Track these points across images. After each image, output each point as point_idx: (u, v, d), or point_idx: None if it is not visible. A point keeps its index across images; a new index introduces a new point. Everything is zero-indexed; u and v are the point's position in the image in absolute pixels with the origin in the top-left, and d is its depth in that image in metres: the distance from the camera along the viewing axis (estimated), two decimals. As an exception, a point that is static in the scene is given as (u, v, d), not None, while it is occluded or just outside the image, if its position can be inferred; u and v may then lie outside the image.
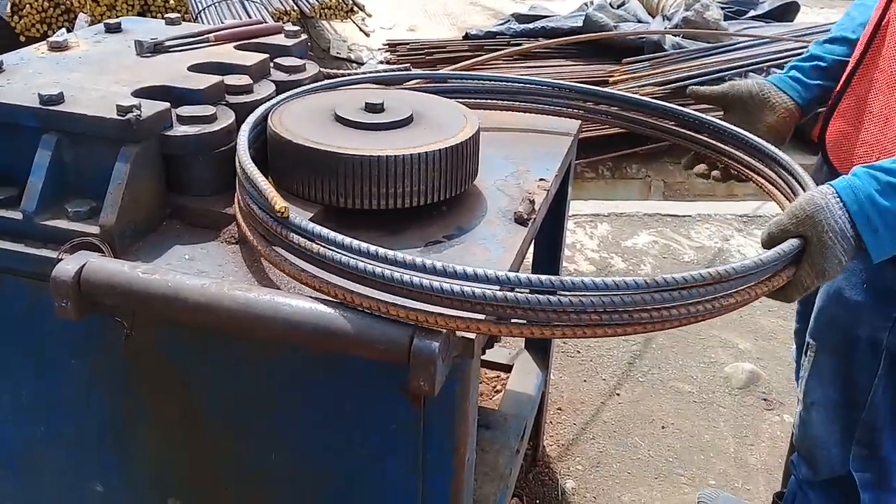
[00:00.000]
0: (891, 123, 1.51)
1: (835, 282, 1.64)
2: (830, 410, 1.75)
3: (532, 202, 1.48)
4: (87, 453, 1.54)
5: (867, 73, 1.60)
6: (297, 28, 1.90)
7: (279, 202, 1.15)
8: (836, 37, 1.75)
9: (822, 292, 1.71)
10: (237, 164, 1.32)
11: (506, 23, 6.67)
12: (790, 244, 1.23)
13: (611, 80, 5.39)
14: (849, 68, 1.66)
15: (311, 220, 1.23)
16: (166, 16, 1.96)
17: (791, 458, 1.96)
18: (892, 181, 1.24)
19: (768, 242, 1.27)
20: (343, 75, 1.81)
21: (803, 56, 1.80)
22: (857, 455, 1.72)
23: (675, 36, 5.82)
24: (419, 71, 1.92)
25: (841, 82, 1.67)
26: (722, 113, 1.78)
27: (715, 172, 1.74)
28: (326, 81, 1.69)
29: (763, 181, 1.60)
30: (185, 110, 1.44)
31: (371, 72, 1.84)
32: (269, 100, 1.59)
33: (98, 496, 1.58)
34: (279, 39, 1.86)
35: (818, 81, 1.75)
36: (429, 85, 1.82)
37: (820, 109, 1.76)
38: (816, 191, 1.26)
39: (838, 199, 1.23)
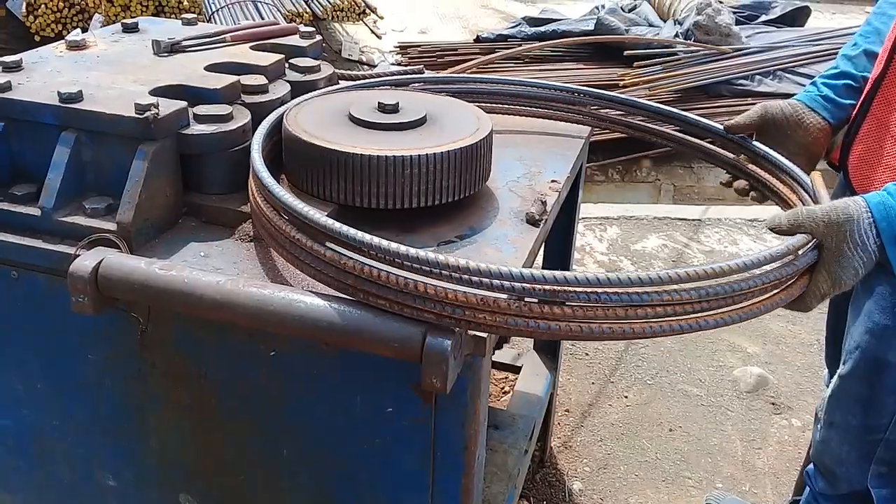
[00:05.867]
0: None
1: (864, 305, 1.63)
2: (851, 434, 1.74)
3: (544, 203, 1.49)
4: (101, 447, 1.56)
5: (886, 95, 1.58)
6: (311, 29, 1.92)
7: None
8: (866, 51, 1.72)
9: (850, 316, 1.70)
10: (251, 167, 1.34)
11: (517, 26, 6.68)
12: (805, 242, 1.23)
13: (621, 83, 5.39)
14: (867, 89, 1.63)
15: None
16: (183, 16, 1.99)
17: (806, 469, 1.96)
18: None
19: (790, 227, 1.27)
20: (359, 77, 1.83)
21: (832, 72, 1.76)
22: (876, 473, 1.72)
23: (686, 39, 5.82)
24: (434, 73, 1.94)
25: (860, 104, 1.65)
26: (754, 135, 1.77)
27: (753, 193, 1.73)
28: (351, 83, 1.70)
29: (772, 194, 1.60)
30: (202, 109, 1.46)
31: (388, 74, 1.86)
32: (283, 99, 1.61)
33: (110, 490, 1.60)
34: (294, 40, 1.88)
35: (851, 101, 1.72)
36: (442, 87, 1.83)
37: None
38: (851, 201, 1.27)
39: (869, 214, 1.25)
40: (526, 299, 1.09)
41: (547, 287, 1.06)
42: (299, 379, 1.33)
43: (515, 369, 2.47)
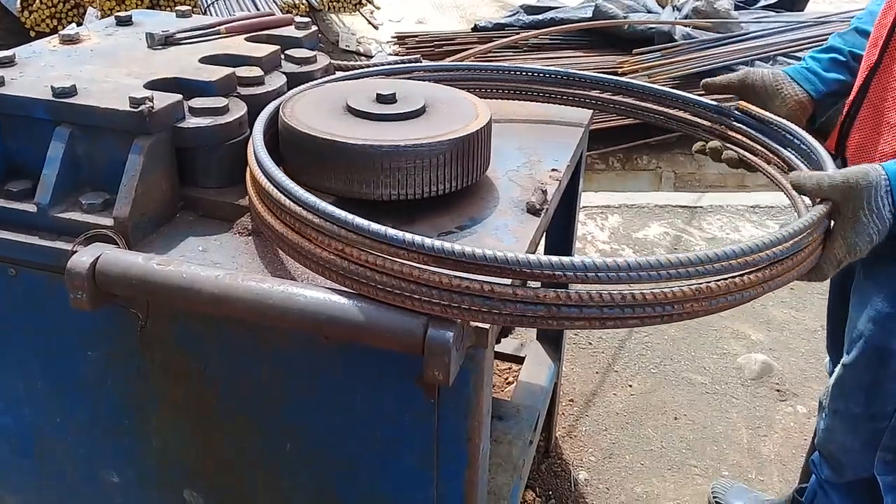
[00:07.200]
0: None
1: (866, 293, 1.62)
2: (855, 422, 1.74)
3: (544, 192, 1.48)
4: (103, 444, 1.55)
5: (882, 82, 1.56)
6: (307, 20, 1.90)
7: None
8: (857, 28, 1.72)
9: (853, 304, 1.69)
10: (251, 157, 1.32)
11: (515, 14, 6.64)
12: (819, 210, 1.25)
13: (621, 70, 5.36)
14: (863, 75, 1.61)
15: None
16: (177, 8, 1.97)
17: (812, 457, 1.95)
18: None
19: (813, 190, 1.30)
20: (356, 67, 1.81)
21: (822, 47, 1.77)
22: (882, 459, 1.71)
23: (685, 26, 5.78)
24: (430, 62, 1.92)
25: (856, 91, 1.64)
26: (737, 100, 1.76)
27: (728, 153, 1.72)
28: (341, 74, 1.68)
29: (774, 172, 1.58)
30: (198, 102, 1.44)
31: (385, 63, 1.84)
32: (279, 91, 1.59)
33: (111, 489, 1.59)
34: (290, 31, 1.86)
35: (835, 75, 1.71)
36: (440, 75, 1.81)
37: (834, 108, 1.73)
38: (870, 167, 1.29)
39: (887, 181, 1.27)
40: (529, 285, 1.07)
41: (549, 273, 1.04)
42: (301, 375, 1.32)
43: (519, 360, 2.46)
